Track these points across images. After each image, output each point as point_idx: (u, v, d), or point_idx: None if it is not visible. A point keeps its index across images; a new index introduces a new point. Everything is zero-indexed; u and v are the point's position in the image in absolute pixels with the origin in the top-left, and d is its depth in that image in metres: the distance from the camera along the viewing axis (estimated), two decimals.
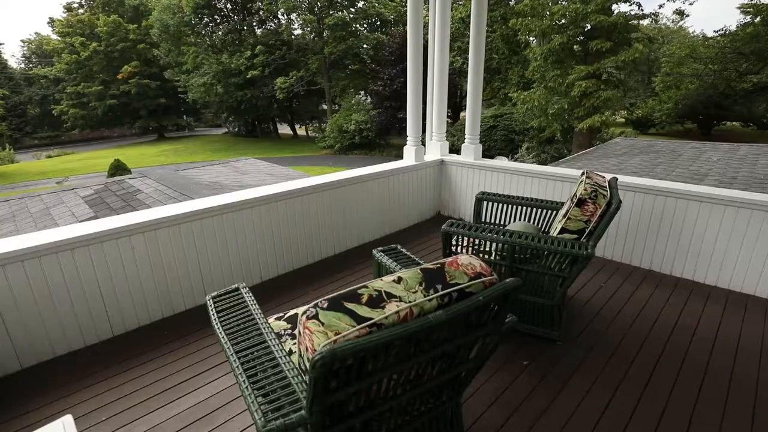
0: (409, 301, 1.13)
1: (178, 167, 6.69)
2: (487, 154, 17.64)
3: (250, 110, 31.92)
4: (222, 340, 1.42)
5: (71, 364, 2.30)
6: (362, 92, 30.42)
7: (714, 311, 2.79)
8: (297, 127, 35.47)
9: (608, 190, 2.29)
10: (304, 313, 1.08)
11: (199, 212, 2.74)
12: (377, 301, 1.12)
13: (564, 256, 2.20)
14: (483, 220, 3.27)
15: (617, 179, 2.64)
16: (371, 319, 1.07)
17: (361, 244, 3.92)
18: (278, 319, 1.92)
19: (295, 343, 1.73)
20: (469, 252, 2.55)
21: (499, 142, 19.36)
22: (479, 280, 1.26)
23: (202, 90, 30.50)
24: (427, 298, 1.16)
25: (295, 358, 1.65)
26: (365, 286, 1.15)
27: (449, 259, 1.33)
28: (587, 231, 2.23)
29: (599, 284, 3.16)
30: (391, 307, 1.11)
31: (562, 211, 2.48)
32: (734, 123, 27.68)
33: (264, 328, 1.45)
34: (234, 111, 32.92)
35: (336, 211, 3.62)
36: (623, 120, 29.20)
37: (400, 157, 4.46)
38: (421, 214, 4.55)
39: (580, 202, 2.21)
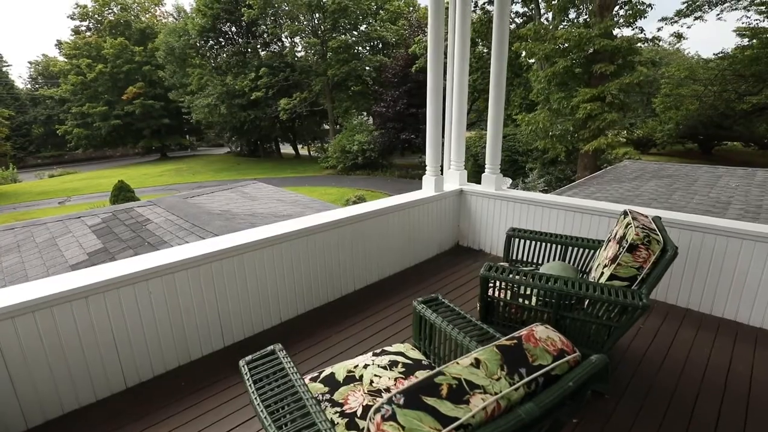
0: (495, 393, 0.98)
1: (187, 194, 6.58)
2: None
3: (253, 130, 32.16)
4: (265, 421, 1.25)
5: (82, 423, 2.11)
6: (365, 113, 30.71)
7: (766, 356, 2.62)
8: (299, 147, 35.67)
9: (659, 233, 2.16)
10: (378, 410, 0.93)
11: (218, 253, 2.60)
12: (459, 393, 0.96)
13: (614, 305, 2.06)
14: (512, 257, 3.13)
15: (661, 218, 2.52)
16: (457, 419, 0.91)
17: (381, 279, 3.77)
18: (313, 380, 1.76)
19: (336, 412, 1.57)
20: (507, 296, 2.40)
21: (502, 163, 19.34)
22: (564, 359, 1.12)
23: (206, 111, 30.78)
24: (514, 387, 1.01)
25: (339, 430, 1.49)
26: (442, 373, 1.01)
27: (524, 332, 1.18)
28: (639, 278, 2.08)
29: (637, 326, 2.99)
30: (476, 402, 0.95)
31: (607, 254, 2.34)
32: (735, 143, 27.85)
33: (311, 407, 1.29)
34: (237, 131, 33.16)
35: (356, 246, 3.48)
36: (623, 140, 29.35)
37: (402, 177, 4.38)
38: (440, 245, 4.40)
39: (632, 248, 2.07)
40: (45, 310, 2.04)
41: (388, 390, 1.68)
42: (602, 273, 2.27)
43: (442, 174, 4.32)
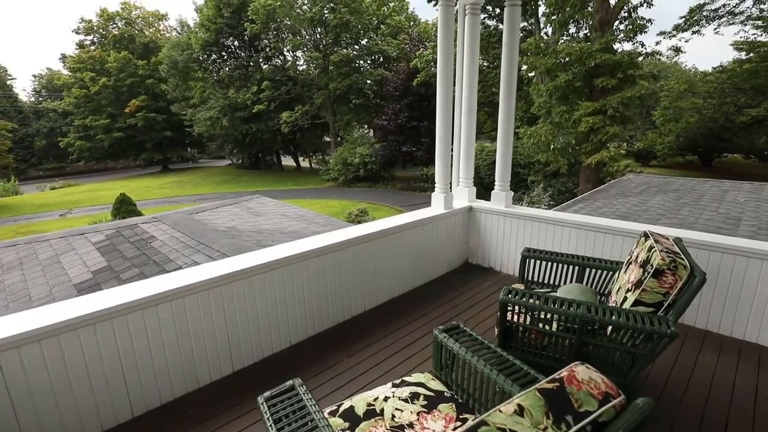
0: None
1: (192, 210, 6.53)
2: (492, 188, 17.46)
3: (254, 143, 32.28)
4: None
5: None
6: (366, 126, 30.88)
7: None
8: (301, 159, 35.78)
9: (684, 257, 2.10)
10: None
11: (229, 275, 2.54)
12: None
13: (640, 332, 1.99)
14: (527, 277, 3.06)
15: (682, 240, 2.46)
16: None
17: (391, 299, 3.70)
18: (332, 414, 1.69)
19: None
20: (527, 320, 2.33)
21: None
22: (610, 404, 1.05)
23: (208, 123, 30.96)
24: None
25: None
26: (485, 423, 0.94)
27: (565, 373, 1.12)
28: (666, 304, 2.02)
29: None
30: None
31: (629, 278, 2.28)
32: (735, 155, 27.96)
33: None
34: (239, 144, 33.29)
35: (366, 266, 3.42)
36: (624, 152, 29.44)
37: (404, 189, 4.33)
38: (450, 263, 4.34)
39: (657, 273, 2.01)
40: (52, 339, 1.97)
41: (411, 425, 1.61)
42: (625, 297, 2.20)
43: (451, 191, 4.28)
